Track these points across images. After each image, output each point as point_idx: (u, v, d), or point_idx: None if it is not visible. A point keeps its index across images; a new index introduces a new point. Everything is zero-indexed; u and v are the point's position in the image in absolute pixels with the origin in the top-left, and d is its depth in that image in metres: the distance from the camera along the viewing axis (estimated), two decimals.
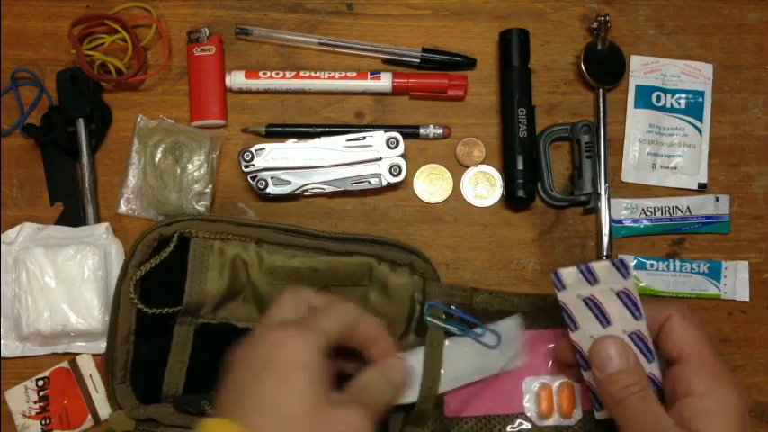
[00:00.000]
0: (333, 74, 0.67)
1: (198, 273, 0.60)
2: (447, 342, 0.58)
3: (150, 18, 0.67)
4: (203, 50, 0.67)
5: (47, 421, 0.63)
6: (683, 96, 0.68)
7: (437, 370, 0.57)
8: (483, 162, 0.67)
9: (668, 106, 0.68)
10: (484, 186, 0.67)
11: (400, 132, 0.65)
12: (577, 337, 0.53)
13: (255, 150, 0.64)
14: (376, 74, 0.67)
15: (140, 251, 0.60)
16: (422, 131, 0.67)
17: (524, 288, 0.65)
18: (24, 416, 0.63)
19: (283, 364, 0.46)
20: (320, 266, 0.61)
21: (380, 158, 0.64)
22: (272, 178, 0.64)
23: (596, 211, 0.65)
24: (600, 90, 0.67)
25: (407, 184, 0.67)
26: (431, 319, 0.59)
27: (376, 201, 0.67)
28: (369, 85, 0.67)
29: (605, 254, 0.64)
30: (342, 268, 0.61)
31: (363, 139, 0.64)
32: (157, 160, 0.65)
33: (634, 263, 0.66)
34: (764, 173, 0.67)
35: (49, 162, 0.67)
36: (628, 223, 0.66)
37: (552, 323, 0.60)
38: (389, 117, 0.68)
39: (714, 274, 0.66)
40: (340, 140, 0.64)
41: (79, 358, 0.64)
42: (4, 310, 0.63)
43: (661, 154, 0.67)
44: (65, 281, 0.62)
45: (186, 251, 0.61)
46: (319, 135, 0.66)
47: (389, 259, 0.61)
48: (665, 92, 0.68)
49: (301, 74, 0.67)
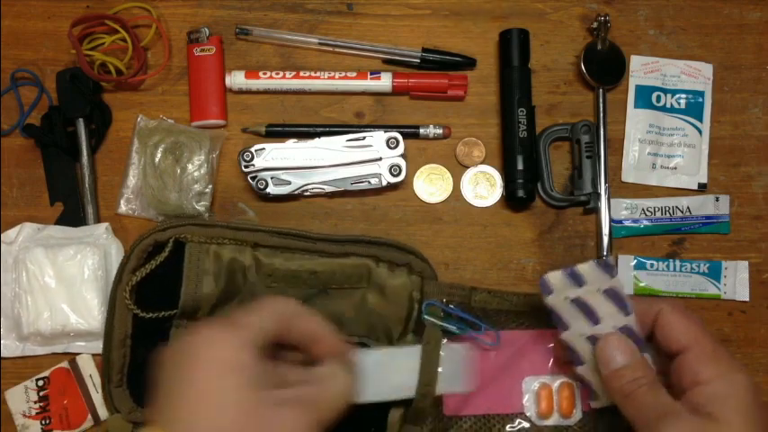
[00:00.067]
0: (333, 74, 0.67)
1: (193, 277, 0.60)
2: (377, 354, 0.57)
3: (150, 18, 0.67)
4: (203, 50, 0.67)
5: (47, 421, 0.63)
6: (682, 96, 0.68)
7: (434, 368, 0.57)
8: (483, 162, 0.67)
9: (668, 106, 0.68)
10: (484, 186, 0.67)
11: (400, 132, 0.65)
12: (568, 337, 0.54)
13: (255, 150, 0.64)
14: (376, 74, 0.67)
15: (136, 256, 0.60)
16: (422, 131, 0.67)
17: (524, 288, 0.65)
18: (24, 416, 0.63)
19: (211, 365, 0.44)
20: (318, 269, 0.61)
21: (380, 158, 0.64)
22: (272, 178, 0.64)
23: (596, 211, 0.65)
24: (600, 90, 0.67)
25: (407, 184, 0.67)
26: (429, 318, 0.59)
27: (376, 201, 0.67)
28: (369, 85, 0.67)
29: (605, 254, 0.64)
30: (339, 270, 0.61)
31: (363, 139, 0.64)
32: (157, 160, 0.65)
33: (634, 263, 0.65)
34: (764, 173, 0.67)
35: (49, 162, 0.67)
36: (628, 223, 0.66)
37: (552, 323, 0.60)
38: (389, 117, 0.68)
39: (714, 274, 0.65)
40: (340, 140, 0.64)
41: (79, 358, 0.64)
42: (4, 310, 0.63)
43: (661, 154, 0.67)
44: (65, 281, 0.62)
45: (182, 255, 0.60)
46: (319, 135, 0.66)
47: (387, 260, 0.61)
48: (665, 92, 0.68)
49: (301, 74, 0.67)
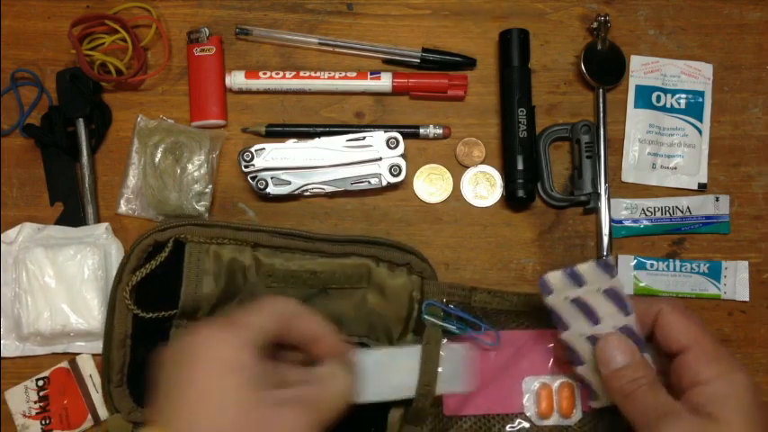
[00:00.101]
0: (333, 74, 0.67)
1: (193, 277, 0.60)
2: (377, 354, 0.57)
3: (150, 18, 0.67)
4: (203, 50, 0.67)
5: (47, 421, 0.63)
6: (683, 96, 0.68)
7: (434, 368, 0.57)
8: (483, 162, 0.67)
9: (668, 106, 0.68)
10: (484, 186, 0.67)
11: (400, 132, 0.65)
12: (568, 336, 0.54)
13: (255, 150, 0.64)
14: (376, 74, 0.67)
15: (135, 256, 0.60)
16: (422, 131, 0.67)
17: (524, 288, 0.65)
18: (24, 416, 0.63)
19: (211, 365, 0.44)
20: (318, 269, 0.61)
21: (380, 158, 0.64)
22: (272, 178, 0.64)
23: (596, 211, 0.65)
24: (600, 90, 0.67)
25: (407, 184, 0.67)
26: (429, 318, 0.59)
27: (376, 201, 0.67)
28: (369, 85, 0.67)
29: (605, 254, 0.64)
30: (340, 270, 0.61)
31: (363, 139, 0.64)
32: (157, 160, 0.65)
33: (634, 263, 0.65)
34: (764, 173, 0.67)
35: (49, 162, 0.67)
36: (628, 223, 0.66)
37: (552, 323, 0.60)
38: (389, 117, 0.68)
39: (714, 274, 0.65)
40: (340, 140, 0.64)
41: (79, 358, 0.64)
42: (4, 310, 0.63)
43: (661, 154, 0.67)
44: (65, 281, 0.62)
45: (182, 254, 0.60)
46: (319, 135, 0.66)
47: (387, 260, 0.61)
48: (665, 92, 0.68)
49: (301, 74, 0.67)
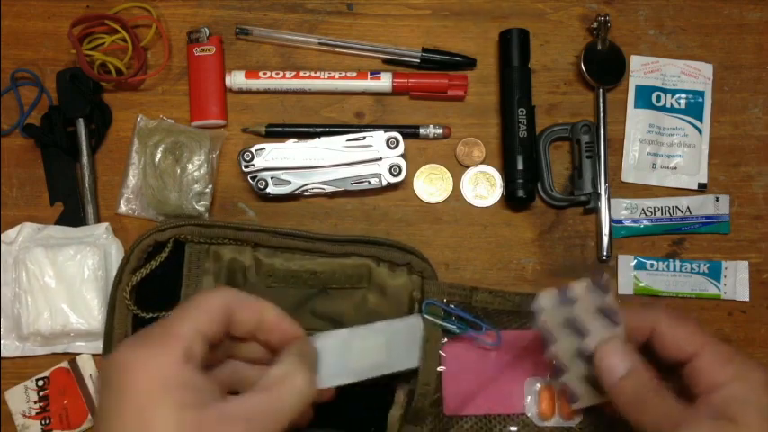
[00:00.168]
0: (333, 74, 0.67)
1: (193, 278, 0.60)
2: (346, 333, 0.53)
3: (150, 18, 0.67)
4: (203, 50, 0.67)
5: (47, 421, 0.63)
6: (683, 96, 0.68)
7: (434, 367, 0.57)
8: (483, 162, 0.67)
9: (668, 106, 0.68)
10: (484, 186, 0.67)
11: (400, 132, 0.65)
12: (557, 349, 0.51)
13: (255, 150, 0.64)
14: (376, 74, 0.67)
15: (135, 257, 0.60)
16: (422, 131, 0.67)
17: (524, 288, 0.65)
18: (24, 416, 0.63)
19: (141, 390, 0.39)
20: (318, 269, 0.61)
21: (380, 158, 0.64)
22: (272, 178, 0.64)
23: (596, 211, 0.65)
24: (600, 90, 0.67)
25: (407, 184, 0.67)
26: (428, 317, 0.59)
27: (376, 201, 0.67)
28: (369, 85, 0.67)
29: (605, 254, 0.64)
30: (340, 270, 0.61)
31: (363, 139, 0.64)
32: (157, 160, 0.65)
33: (634, 263, 0.65)
34: (764, 173, 0.67)
35: (49, 162, 0.67)
36: (628, 223, 0.66)
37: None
38: (389, 117, 0.68)
39: (714, 274, 0.65)
40: (340, 140, 0.64)
41: (79, 358, 0.64)
42: (4, 310, 0.63)
43: (661, 154, 0.67)
44: (65, 281, 0.62)
45: (182, 254, 0.61)
46: (319, 135, 0.66)
47: (387, 260, 0.61)
48: (665, 92, 0.68)
49: (301, 74, 0.67)
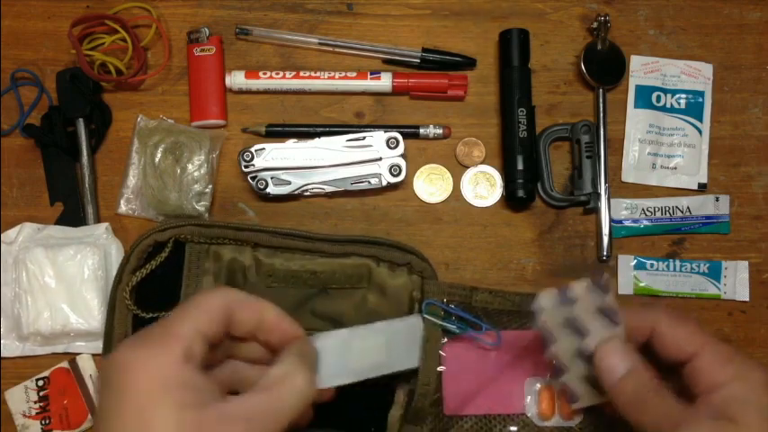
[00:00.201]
0: (333, 74, 0.67)
1: (193, 278, 0.60)
2: (346, 333, 0.53)
3: (150, 18, 0.67)
4: (203, 50, 0.67)
5: (47, 421, 0.63)
6: (683, 96, 0.68)
7: (434, 367, 0.57)
8: (483, 162, 0.67)
9: (668, 106, 0.68)
10: (484, 186, 0.67)
11: (400, 132, 0.65)
12: (557, 349, 0.51)
13: (255, 150, 0.64)
14: (376, 74, 0.67)
15: (135, 257, 0.60)
16: (422, 131, 0.67)
17: (524, 288, 0.65)
18: (24, 416, 0.63)
19: (141, 390, 0.39)
20: (318, 269, 0.61)
21: (380, 158, 0.64)
22: (272, 178, 0.64)
23: (596, 211, 0.65)
24: (600, 90, 0.67)
25: (407, 184, 0.67)
26: (428, 317, 0.59)
27: (376, 201, 0.67)
28: (369, 85, 0.67)
29: (605, 254, 0.64)
30: (340, 270, 0.61)
31: (363, 139, 0.64)
32: (157, 160, 0.65)
33: (634, 263, 0.65)
34: (764, 173, 0.67)
35: (49, 162, 0.67)
36: (628, 223, 0.66)
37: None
38: (389, 117, 0.68)
39: (714, 274, 0.66)
40: (340, 140, 0.64)
41: (79, 358, 0.64)
42: (4, 310, 0.63)
43: (661, 154, 0.67)
44: (65, 281, 0.62)
45: (182, 254, 0.61)
46: (319, 135, 0.66)
47: (387, 260, 0.61)
48: (665, 92, 0.68)
49: (301, 74, 0.67)
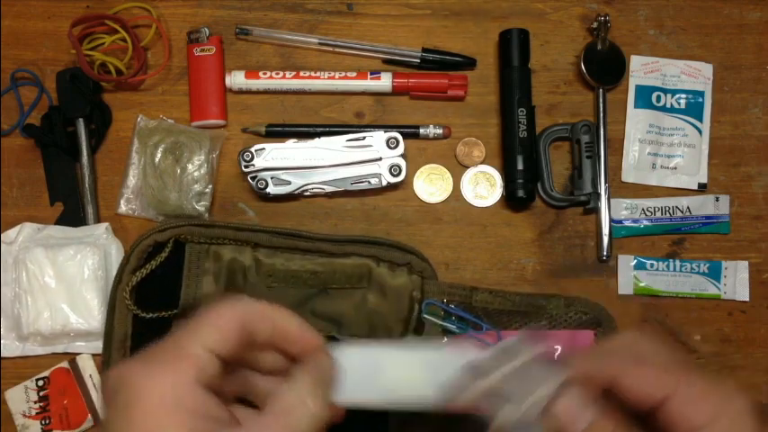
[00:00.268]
0: (333, 74, 0.67)
1: (194, 278, 0.60)
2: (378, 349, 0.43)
3: (150, 18, 0.67)
4: (203, 50, 0.67)
5: (47, 421, 0.63)
6: (683, 96, 0.68)
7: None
8: (483, 162, 0.67)
9: (668, 106, 0.68)
10: (484, 186, 0.67)
11: (400, 132, 0.65)
12: (504, 416, 0.40)
13: (255, 150, 0.64)
14: (376, 74, 0.67)
15: (135, 257, 0.60)
16: (422, 131, 0.67)
17: (524, 288, 0.65)
18: (24, 416, 0.63)
19: (147, 415, 0.37)
20: (318, 269, 0.61)
21: (380, 158, 0.64)
22: (272, 178, 0.64)
23: (596, 211, 0.65)
24: (600, 90, 0.67)
25: (407, 184, 0.67)
26: (428, 317, 0.59)
27: (376, 201, 0.67)
28: (369, 85, 0.67)
29: (605, 254, 0.64)
30: (340, 270, 0.61)
31: (363, 139, 0.64)
32: (157, 160, 0.65)
33: (634, 263, 0.65)
34: (764, 173, 0.67)
35: (49, 162, 0.67)
36: (628, 223, 0.66)
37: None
38: (389, 117, 0.68)
39: (714, 274, 0.65)
40: (340, 140, 0.64)
41: (79, 358, 0.63)
42: (4, 310, 0.63)
43: (661, 154, 0.67)
44: (65, 281, 0.62)
45: (182, 254, 0.61)
46: (319, 135, 0.66)
47: (387, 260, 0.61)
48: (665, 92, 0.68)
49: (301, 74, 0.67)
